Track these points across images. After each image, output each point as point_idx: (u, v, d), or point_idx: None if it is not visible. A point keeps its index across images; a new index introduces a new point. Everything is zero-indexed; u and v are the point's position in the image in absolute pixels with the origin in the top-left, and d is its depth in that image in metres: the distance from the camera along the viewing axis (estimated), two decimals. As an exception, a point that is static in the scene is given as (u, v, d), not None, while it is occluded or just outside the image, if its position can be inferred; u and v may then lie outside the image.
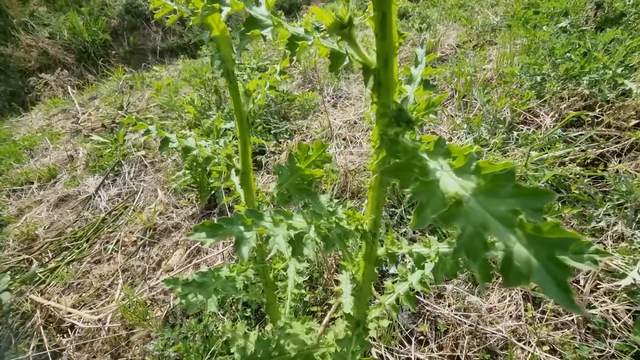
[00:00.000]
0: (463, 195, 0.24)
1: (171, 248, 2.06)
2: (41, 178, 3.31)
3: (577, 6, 2.28)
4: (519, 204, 0.22)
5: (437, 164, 0.29)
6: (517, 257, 0.20)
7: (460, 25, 3.89)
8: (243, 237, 0.37)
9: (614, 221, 1.23)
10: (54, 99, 6.21)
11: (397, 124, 0.34)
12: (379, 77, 0.34)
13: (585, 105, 1.61)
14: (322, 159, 0.64)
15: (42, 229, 2.70)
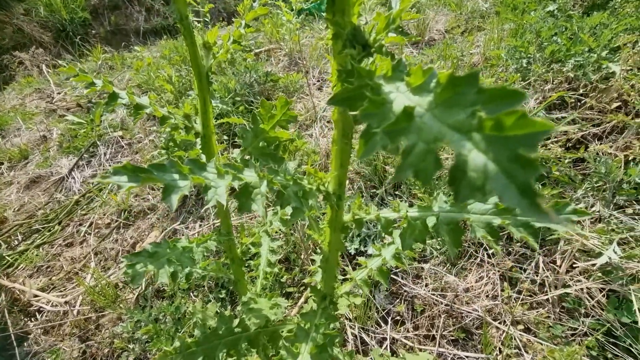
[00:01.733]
0: (417, 110, 0.20)
1: (146, 230, 1.98)
2: (12, 159, 3.15)
3: (566, -9, 2.25)
4: (484, 104, 0.18)
5: (394, 86, 0.24)
6: (471, 166, 0.16)
7: (450, 11, 3.83)
8: (175, 186, 0.32)
9: (592, 202, 1.22)
10: (28, 78, 5.92)
11: (351, 45, 0.29)
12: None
13: (569, 88, 1.60)
14: (287, 118, 0.59)
15: (11, 211, 2.58)
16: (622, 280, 1.00)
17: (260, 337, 0.64)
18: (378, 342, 1.13)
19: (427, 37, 3.41)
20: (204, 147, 0.66)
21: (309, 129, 2.29)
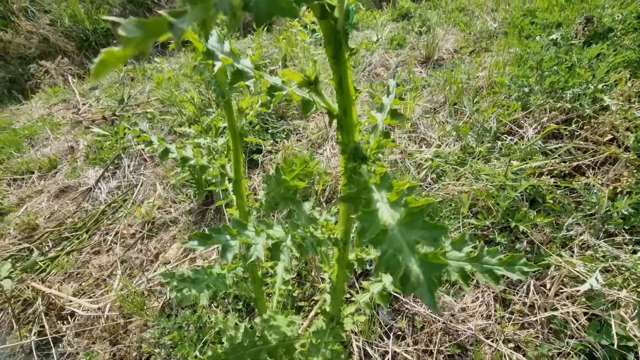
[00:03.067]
0: (390, 224, 0.32)
1: (168, 242, 2.14)
2: (42, 168, 3.38)
3: (569, 19, 2.35)
4: (424, 234, 0.30)
5: (380, 196, 0.37)
6: (412, 274, 0.28)
7: (459, 30, 3.94)
8: (228, 245, 0.45)
9: (582, 230, 1.32)
10: (55, 88, 6.23)
11: (354, 159, 0.42)
12: (341, 121, 0.42)
13: (566, 119, 1.69)
14: (305, 172, 0.72)
15: (42, 219, 2.78)
16: (604, 305, 1.09)
17: (279, 349, 0.77)
18: (381, 355, 1.24)
19: (436, 56, 3.52)
20: (235, 189, 0.80)
21: (321, 147, 2.43)
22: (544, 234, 1.39)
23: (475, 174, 1.60)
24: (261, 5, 0.21)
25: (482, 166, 1.62)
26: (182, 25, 0.18)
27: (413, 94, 2.36)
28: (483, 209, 1.51)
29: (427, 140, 2.01)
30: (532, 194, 1.50)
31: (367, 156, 0.43)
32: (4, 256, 2.47)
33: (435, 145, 1.92)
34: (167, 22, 0.18)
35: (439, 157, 1.81)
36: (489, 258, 0.56)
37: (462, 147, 1.84)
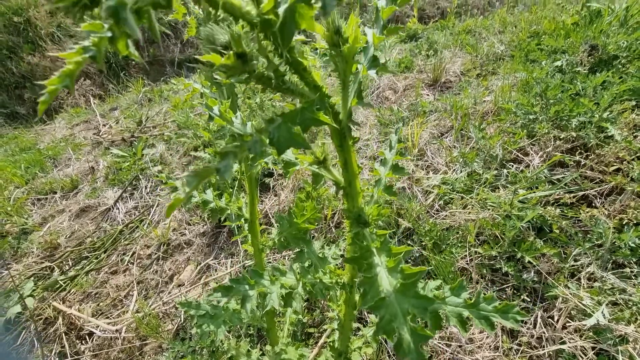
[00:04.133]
0: (387, 291, 0.38)
1: (183, 263, 2.21)
2: (64, 188, 3.53)
3: (574, 46, 2.40)
4: (416, 303, 0.36)
5: (380, 260, 0.42)
6: (405, 342, 0.34)
7: (466, 53, 4.02)
8: (247, 296, 0.51)
9: (589, 262, 1.33)
10: (77, 109, 6.53)
11: (357, 224, 0.48)
12: (346, 191, 0.48)
13: (571, 147, 1.72)
14: (315, 217, 0.78)
15: (63, 238, 2.90)
16: (612, 340, 1.10)
17: (289, 382, 0.81)
18: (389, 384, 1.26)
19: (443, 78, 3.60)
20: (251, 228, 0.86)
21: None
22: (551, 263, 1.41)
23: (481, 202, 1.63)
24: (282, 141, 0.28)
25: (489, 194, 1.65)
26: (227, 171, 0.25)
27: (420, 119, 2.42)
28: (489, 237, 1.54)
29: (434, 166, 2.05)
30: (538, 222, 1.52)
31: (369, 222, 0.49)
32: (27, 274, 2.59)
33: (442, 171, 1.96)
34: (215, 169, 0.25)
35: (446, 184, 1.85)
36: (485, 305, 0.60)
37: (469, 173, 1.88)
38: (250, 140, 0.26)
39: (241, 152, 0.25)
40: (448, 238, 1.58)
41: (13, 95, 8.50)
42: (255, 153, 0.26)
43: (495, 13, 6.12)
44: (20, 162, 4.13)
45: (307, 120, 0.30)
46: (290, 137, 0.27)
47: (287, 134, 0.28)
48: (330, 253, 0.94)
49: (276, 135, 0.27)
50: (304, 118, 0.30)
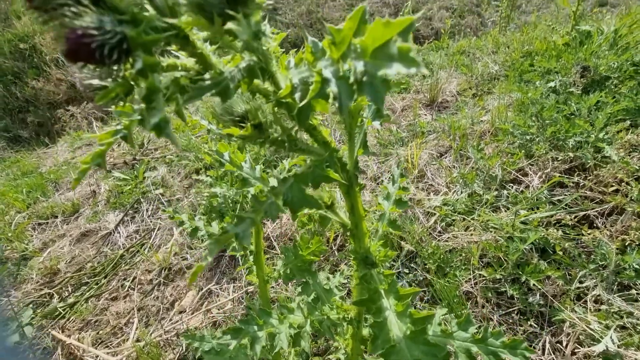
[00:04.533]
0: (397, 337, 0.38)
1: (184, 289, 2.19)
2: (65, 212, 3.53)
3: (566, 67, 2.46)
4: (426, 350, 0.36)
5: (388, 304, 0.43)
6: None
7: (461, 73, 4.12)
8: (256, 337, 0.51)
9: (595, 284, 1.33)
10: (79, 132, 6.60)
11: (364, 266, 0.49)
12: (352, 233, 0.50)
13: (569, 167, 1.74)
14: (319, 250, 0.79)
15: (63, 263, 2.88)
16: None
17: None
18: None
19: (440, 98, 3.67)
20: (256, 260, 0.87)
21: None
22: (557, 286, 1.40)
23: (483, 223, 1.64)
24: (295, 202, 0.29)
25: (490, 216, 1.66)
26: (245, 237, 0.26)
27: (419, 140, 2.46)
28: (493, 260, 1.54)
29: (434, 187, 2.07)
30: (541, 243, 1.53)
31: (376, 263, 0.50)
32: (25, 302, 2.55)
33: (443, 192, 1.98)
34: (234, 234, 0.26)
35: (447, 205, 1.87)
36: (493, 340, 0.60)
37: (470, 194, 1.89)
38: (266, 202, 0.28)
39: (258, 216, 0.27)
40: (451, 261, 1.57)
41: (16, 119, 8.60)
42: (271, 217, 0.27)
43: (488, 34, 6.31)
44: (22, 186, 4.15)
45: (317, 177, 0.31)
46: (304, 198, 0.29)
47: (300, 195, 0.29)
48: (335, 282, 0.94)
49: (290, 196, 0.29)
50: (315, 176, 0.31)
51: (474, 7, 10.95)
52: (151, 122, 0.21)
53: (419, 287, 1.60)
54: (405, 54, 0.21)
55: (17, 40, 8.84)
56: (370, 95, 0.21)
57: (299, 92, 0.25)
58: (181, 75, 0.28)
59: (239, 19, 0.26)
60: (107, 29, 0.24)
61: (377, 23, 0.22)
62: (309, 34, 9.47)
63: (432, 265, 1.55)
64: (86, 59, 0.25)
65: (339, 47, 0.23)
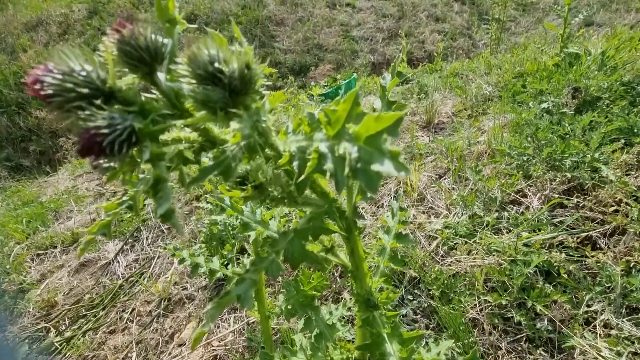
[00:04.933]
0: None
1: (184, 320, 2.14)
2: (64, 242, 3.50)
3: (557, 88, 2.52)
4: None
5: (392, 349, 0.43)
6: None
7: (456, 95, 4.21)
8: (259, 384, 0.50)
9: (602, 307, 1.30)
10: (80, 160, 6.65)
11: (366, 308, 0.49)
12: (353, 274, 0.50)
13: (568, 188, 1.75)
14: (321, 285, 0.78)
15: (61, 295, 2.83)
16: (638, 397, 1.04)
17: None
18: None
19: (436, 120, 3.73)
20: (257, 295, 0.86)
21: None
22: (564, 310, 1.37)
23: (485, 247, 1.62)
24: (296, 257, 0.30)
25: (492, 238, 1.65)
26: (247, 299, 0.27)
27: (417, 163, 2.48)
28: (498, 284, 1.51)
29: (435, 209, 2.07)
30: (545, 266, 1.51)
31: (378, 305, 0.49)
32: (21, 337, 2.49)
33: (444, 215, 1.98)
34: (235, 296, 0.27)
35: (449, 228, 1.86)
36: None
37: (470, 216, 1.89)
38: (267, 260, 0.28)
39: (258, 275, 0.27)
40: (456, 286, 1.55)
41: (18, 149, 8.68)
42: (273, 276, 0.28)
43: (480, 55, 6.50)
44: (22, 216, 4.14)
45: (317, 231, 0.32)
46: (304, 253, 0.29)
47: (300, 250, 0.30)
48: (338, 314, 0.92)
49: (290, 252, 0.29)
50: (314, 228, 0.32)
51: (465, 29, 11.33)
52: (159, 213, 0.22)
53: (423, 314, 1.57)
54: (396, 158, 0.23)
55: (22, 72, 9.06)
56: (364, 182, 0.23)
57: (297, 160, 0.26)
58: (185, 147, 0.29)
59: (240, 114, 0.28)
60: (117, 126, 0.26)
61: (369, 118, 0.24)
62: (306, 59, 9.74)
63: (436, 291, 1.53)
64: (98, 154, 0.27)
65: (334, 125, 0.24)
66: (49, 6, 10.94)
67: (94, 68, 0.31)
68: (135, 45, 0.32)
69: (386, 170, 0.21)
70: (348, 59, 9.68)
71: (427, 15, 11.25)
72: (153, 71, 0.32)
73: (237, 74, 0.29)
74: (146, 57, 0.32)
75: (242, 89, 0.29)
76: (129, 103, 0.26)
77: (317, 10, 11.08)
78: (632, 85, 2.32)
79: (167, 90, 0.28)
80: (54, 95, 0.30)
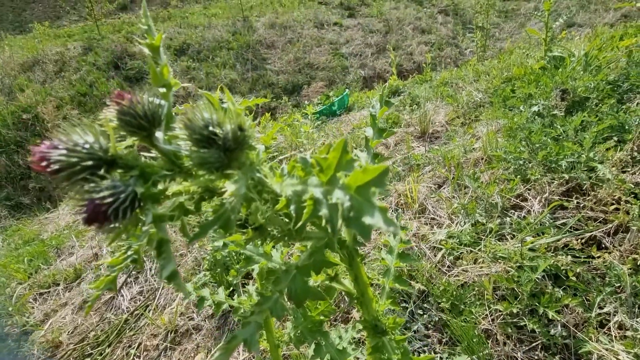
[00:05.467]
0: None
1: (192, 352, 2.10)
2: (67, 279, 3.47)
3: (546, 91, 2.57)
4: None
5: (404, 376, 0.42)
6: None
7: (447, 104, 4.28)
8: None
9: (614, 308, 1.28)
10: (80, 194, 6.62)
11: (374, 334, 0.48)
12: (359, 300, 0.50)
13: (567, 189, 1.76)
14: (328, 310, 0.78)
15: (66, 335, 2.77)
16: (662, 401, 1.01)
17: None
18: None
19: (430, 129, 3.78)
20: (265, 323, 0.85)
21: (334, 234, 2.50)
22: (576, 314, 1.35)
23: (491, 254, 1.62)
24: (299, 293, 0.30)
25: (497, 245, 1.64)
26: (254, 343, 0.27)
27: (416, 174, 2.50)
28: (507, 292, 1.50)
29: (437, 220, 2.07)
30: (552, 270, 1.50)
31: (387, 331, 0.49)
32: (26, 382, 2.43)
33: (446, 225, 1.97)
34: (242, 340, 0.27)
35: (453, 238, 1.85)
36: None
37: (473, 224, 1.89)
38: (271, 300, 0.29)
39: (263, 317, 0.28)
40: (465, 297, 1.53)
41: (18, 187, 8.69)
42: (277, 317, 0.28)
43: (468, 63, 6.64)
44: (24, 255, 4.10)
45: (318, 264, 0.33)
46: (306, 290, 0.30)
47: (303, 287, 0.30)
48: (348, 337, 0.91)
49: (293, 290, 0.30)
50: (316, 262, 0.33)
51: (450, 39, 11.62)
52: (164, 275, 0.23)
53: (434, 328, 1.54)
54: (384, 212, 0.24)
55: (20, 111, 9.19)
56: (357, 231, 0.24)
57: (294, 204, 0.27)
58: (185, 199, 0.30)
59: (234, 175, 0.29)
60: (120, 195, 0.28)
61: (356, 171, 0.25)
62: (298, 79, 9.91)
63: (445, 303, 1.51)
64: (102, 222, 0.29)
65: (326, 172, 0.25)
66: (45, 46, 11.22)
67: (95, 139, 0.33)
68: (134, 114, 0.34)
69: (376, 224, 0.22)
70: (339, 75, 9.88)
71: (413, 28, 11.56)
72: (151, 134, 0.34)
73: (230, 136, 0.31)
74: (145, 123, 0.35)
75: (236, 148, 0.31)
76: (130, 167, 0.28)
77: (306, 31, 11.38)
78: (618, 83, 2.36)
79: (166, 150, 0.29)
80: (60, 170, 0.32)
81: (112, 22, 13.30)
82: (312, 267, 0.32)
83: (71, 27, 13.47)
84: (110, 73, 10.02)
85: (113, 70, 10.10)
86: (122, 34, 11.42)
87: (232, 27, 11.54)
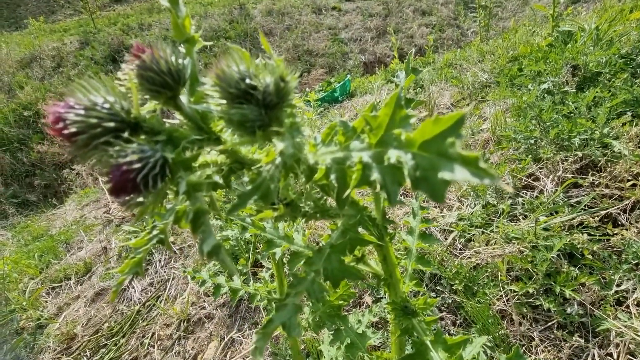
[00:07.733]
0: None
1: (206, 340, 2.12)
2: (78, 273, 3.50)
3: (555, 68, 2.50)
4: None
5: (438, 358, 0.40)
6: None
7: (452, 85, 4.19)
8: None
9: (633, 285, 1.26)
10: (86, 189, 6.68)
11: (404, 315, 0.46)
12: (387, 282, 0.48)
13: (581, 167, 1.72)
14: (348, 293, 0.76)
15: (80, 327, 2.81)
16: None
17: None
18: None
19: (436, 112, 3.71)
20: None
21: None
22: (593, 292, 1.34)
23: (504, 235, 1.59)
24: (336, 274, 0.28)
25: (510, 226, 1.62)
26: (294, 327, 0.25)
27: (423, 157, 2.46)
28: (521, 272, 1.48)
29: (447, 202, 2.04)
30: (568, 249, 1.48)
31: (417, 312, 0.47)
32: (44, 374, 2.47)
33: (457, 207, 1.95)
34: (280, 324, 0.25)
35: (463, 220, 1.83)
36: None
37: (484, 205, 1.86)
38: (306, 281, 0.27)
39: (299, 298, 0.26)
40: (478, 278, 1.52)
41: (24, 184, 8.74)
42: (315, 298, 0.26)
43: (471, 44, 6.49)
44: (34, 251, 4.14)
45: (353, 242, 0.30)
46: (344, 269, 0.27)
47: (340, 266, 0.28)
48: (366, 321, 0.90)
49: (329, 270, 0.27)
50: (351, 240, 0.30)
51: (452, 20, 11.35)
52: (205, 250, 0.20)
53: (448, 310, 1.54)
54: (474, 163, 0.20)
55: (21, 108, 9.16)
56: (428, 193, 0.21)
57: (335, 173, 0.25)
58: (213, 171, 0.28)
59: (281, 132, 0.26)
60: (150, 159, 0.25)
61: (427, 121, 0.22)
62: (298, 66, 9.79)
63: (458, 285, 1.50)
64: (132, 191, 0.25)
65: (376, 132, 0.23)
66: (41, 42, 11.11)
67: (116, 99, 0.29)
68: (158, 70, 0.31)
69: (459, 178, 0.20)
70: (339, 61, 9.71)
71: (413, 10, 11.29)
72: (176, 95, 0.30)
73: (272, 89, 0.28)
74: (170, 81, 0.31)
75: (278, 103, 0.27)
76: (155, 132, 0.25)
77: (304, 17, 11.16)
78: (631, 57, 2.29)
79: (191, 114, 0.26)
80: (79, 133, 0.28)
81: (107, 14, 13.11)
82: (347, 244, 0.30)
83: (66, 22, 13.30)
84: (108, 67, 9.92)
85: (111, 64, 10.00)
86: (118, 26, 11.26)
87: (229, 15, 11.33)
